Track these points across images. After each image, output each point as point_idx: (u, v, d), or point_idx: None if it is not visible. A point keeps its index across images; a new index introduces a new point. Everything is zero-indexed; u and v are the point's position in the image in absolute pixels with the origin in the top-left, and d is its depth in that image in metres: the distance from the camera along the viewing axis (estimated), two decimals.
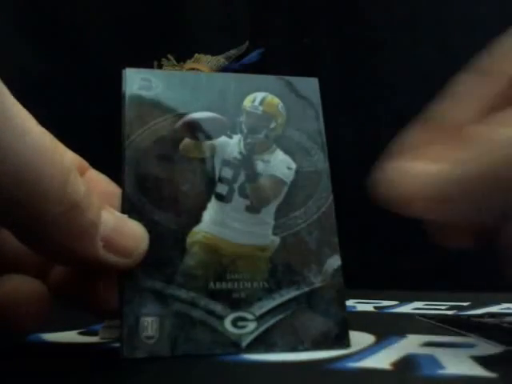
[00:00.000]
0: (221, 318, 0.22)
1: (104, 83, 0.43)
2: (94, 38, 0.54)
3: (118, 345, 0.21)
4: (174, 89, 0.25)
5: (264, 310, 0.23)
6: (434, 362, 0.20)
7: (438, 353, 0.21)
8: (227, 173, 0.24)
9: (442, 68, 0.31)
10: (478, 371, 0.19)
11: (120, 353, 0.21)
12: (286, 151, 0.25)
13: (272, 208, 0.24)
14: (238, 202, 0.24)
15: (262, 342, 0.22)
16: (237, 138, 0.25)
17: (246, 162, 0.24)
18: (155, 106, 0.24)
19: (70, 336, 0.26)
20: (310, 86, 0.27)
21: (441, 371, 0.19)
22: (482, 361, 0.20)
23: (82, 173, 0.25)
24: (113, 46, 0.53)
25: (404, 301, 0.39)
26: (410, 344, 0.23)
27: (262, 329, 0.22)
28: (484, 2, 0.50)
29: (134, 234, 0.22)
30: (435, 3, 0.54)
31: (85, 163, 0.25)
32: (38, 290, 0.22)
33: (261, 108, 0.25)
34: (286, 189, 0.24)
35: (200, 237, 0.23)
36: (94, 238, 0.20)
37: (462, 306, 0.37)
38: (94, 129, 0.51)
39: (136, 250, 0.21)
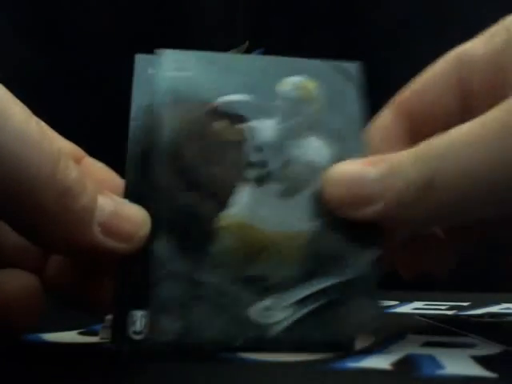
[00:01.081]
0: (248, 306, 0.21)
1: (104, 83, 0.43)
2: (94, 37, 0.54)
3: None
4: (206, 70, 0.24)
5: (294, 299, 0.22)
6: (434, 362, 0.20)
7: (437, 353, 0.21)
8: (259, 158, 0.23)
9: None
10: (478, 371, 0.19)
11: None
12: (321, 137, 0.24)
13: (306, 194, 0.23)
14: (271, 187, 0.23)
15: (291, 333, 0.21)
16: (271, 122, 0.24)
17: (280, 147, 0.24)
18: (187, 88, 0.24)
19: (70, 336, 0.26)
20: (351, 70, 0.25)
21: (441, 371, 0.19)
22: (482, 361, 0.20)
23: (78, 161, 0.24)
24: (113, 46, 0.53)
25: (404, 301, 0.39)
26: (410, 344, 0.23)
27: (291, 319, 0.21)
28: (484, 2, 0.50)
29: (134, 218, 0.21)
30: (435, 3, 0.54)
31: (80, 151, 0.25)
32: (27, 284, 0.21)
33: (296, 92, 0.24)
34: (320, 176, 0.23)
35: (230, 222, 0.22)
36: (89, 224, 0.20)
37: (462, 305, 0.37)
38: (95, 128, 0.51)
39: (136, 234, 0.21)
